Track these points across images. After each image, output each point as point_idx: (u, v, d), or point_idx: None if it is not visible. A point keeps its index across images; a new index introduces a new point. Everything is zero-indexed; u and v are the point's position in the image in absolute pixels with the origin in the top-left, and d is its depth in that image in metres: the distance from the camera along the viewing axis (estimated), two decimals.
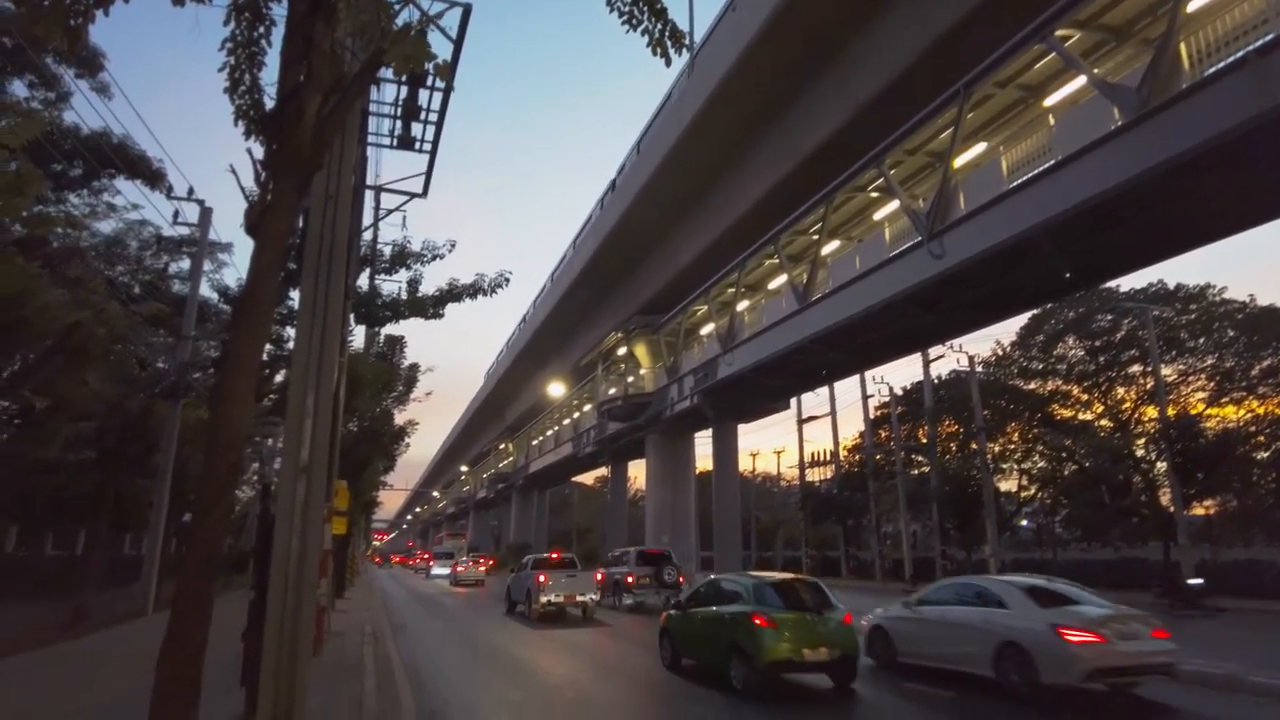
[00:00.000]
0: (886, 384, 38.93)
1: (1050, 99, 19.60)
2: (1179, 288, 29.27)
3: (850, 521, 40.46)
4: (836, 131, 22.47)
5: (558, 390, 48.88)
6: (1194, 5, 15.47)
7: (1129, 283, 34.58)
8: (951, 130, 20.00)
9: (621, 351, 41.52)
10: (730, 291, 32.04)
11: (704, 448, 40.20)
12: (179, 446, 17.53)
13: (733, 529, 36.83)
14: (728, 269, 30.46)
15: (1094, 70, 17.03)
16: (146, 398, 17.05)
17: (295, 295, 12.05)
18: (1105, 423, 30.17)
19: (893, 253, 22.37)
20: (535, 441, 65.50)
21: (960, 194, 20.25)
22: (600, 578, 23.49)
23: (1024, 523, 40.43)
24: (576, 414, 54.25)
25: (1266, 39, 13.44)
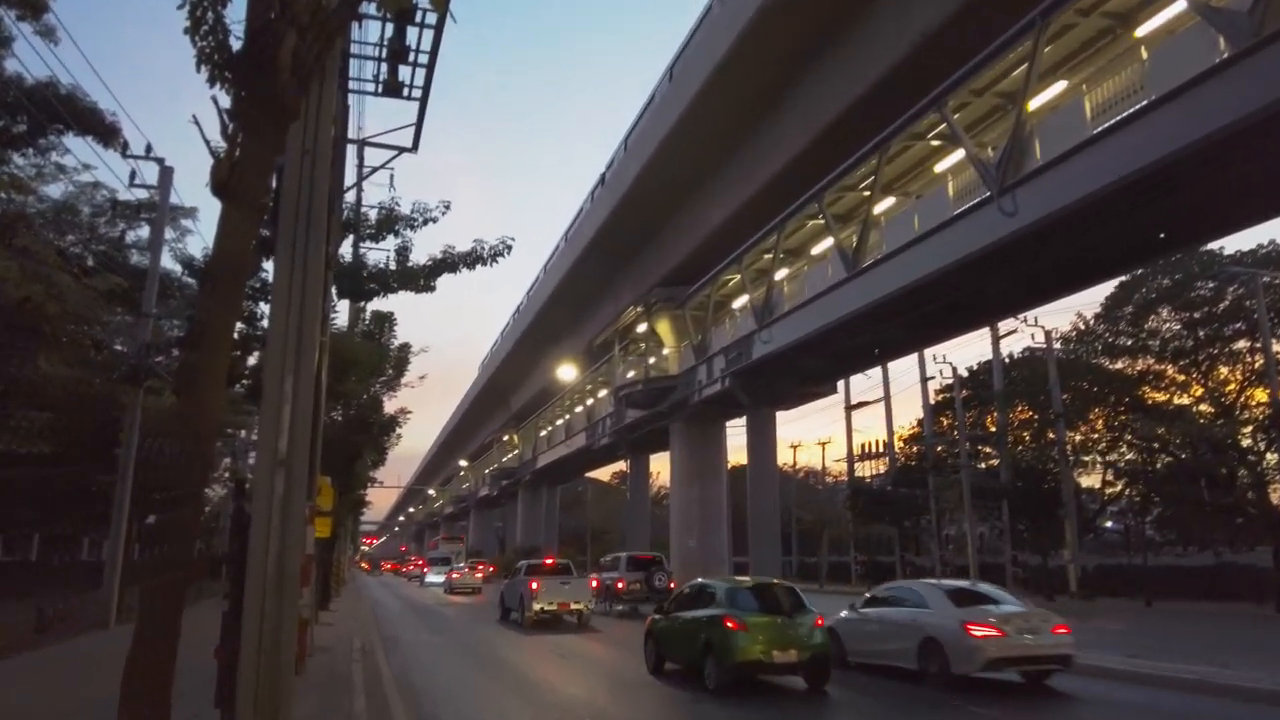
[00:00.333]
0: (949, 363, 38.55)
1: (1142, 28, 19.18)
2: None
3: (906, 522, 40.41)
4: (893, 67, 22.15)
5: (569, 373, 48.94)
6: None
7: (1234, 244, 34.01)
8: (1026, 67, 19.66)
9: (642, 328, 41.50)
10: (767, 258, 31.88)
11: (737, 438, 40.25)
12: (142, 438, 17.81)
13: (770, 531, 36.89)
14: (764, 231, 30.27)
15: None
16: (105, 383, 17.32)
17: (269, 266, 12.13)
18: (1205, 408, 29.81)
19: (957, 211, 22.14)
20: (544, 432, 65.86)
21: (1036, 141, 19.97)
22: (595, 584, 26.08)
23: (1109, 524, 40.18)
24: (590, 400, 54.41)
25: None
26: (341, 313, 20.03)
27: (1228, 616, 22.25)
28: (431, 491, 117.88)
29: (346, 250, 16.25)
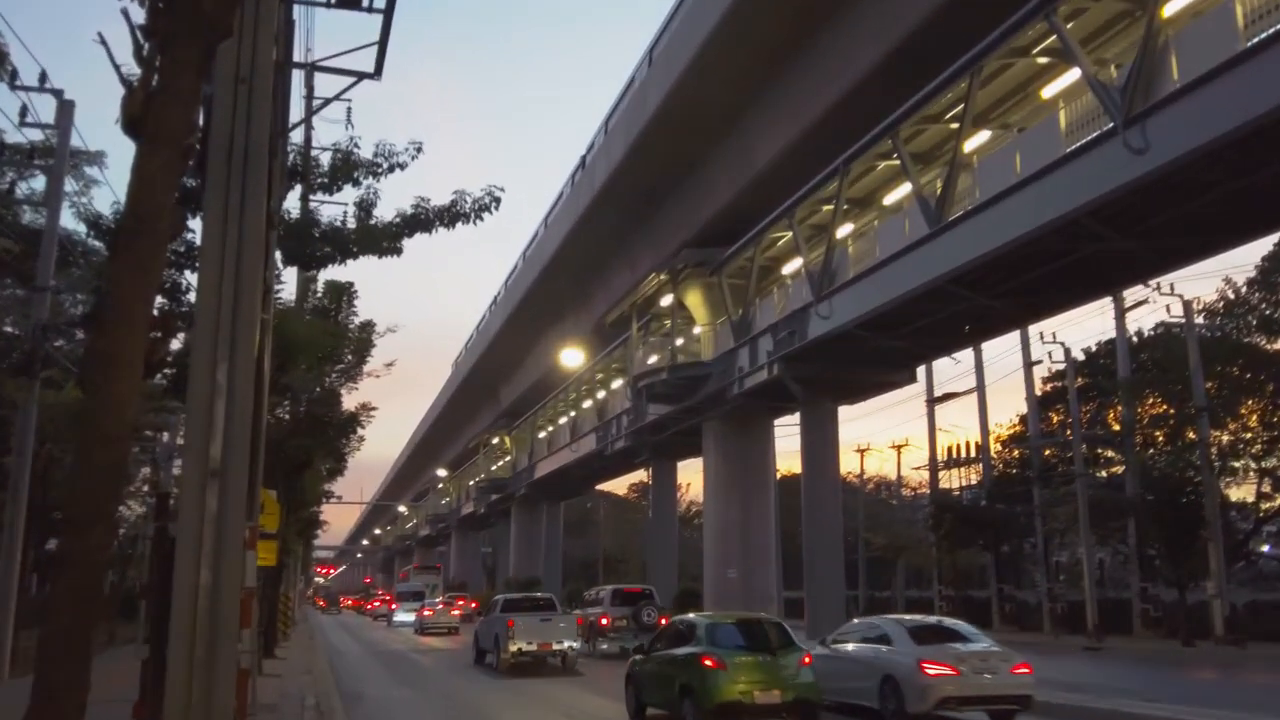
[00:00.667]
0: (1060, 344, 38.27)
1: None
2: None
3: (1005, 546, 40.30)
4: None
5: (575, 359, 48.99)
6: None
7: None
8: None
9: (666, 301, 41.38)
10: (827, 209, 31.67)
11: (788, 440, 40.25)
12: (38, 443, 17.98)
13: (831, 558, 36.77)
14: (824, 175, 30.05)
15: None
16: None
17: (197, 226, 12.17)
18: None
19: (1070, 148, 21.90)
20: (543, 434, 66.03)
21: (1172, 56, 19.70)
22: (580, 621, 28.06)
23: (1265, 548, 39.83)
24: (602, 393, 54.43)
25: None
26: (288, 283, 20.12)
27: None
28: (402, 509, 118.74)
29: (293, 204, 16.28)
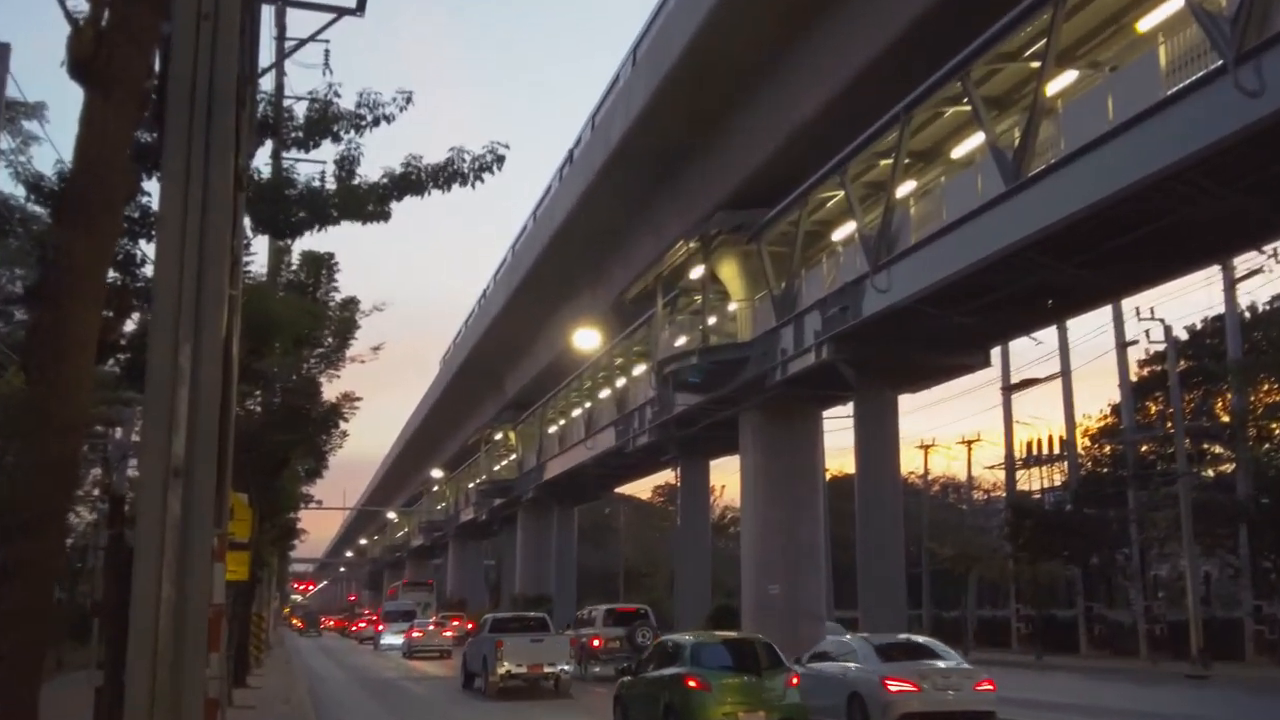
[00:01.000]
0: (1159, 320, 38.03)
1: None
2: None
3: (1094, 558, 40.19)
4: None
5: (590, 341, 48.96)
6: None
7: None
8: None
9: (697, 273, 41.36)
10: (885, 164, 31.54)
11: (838, 437, 40.24)
12: None
13: (890, 571, 36.68)
14: (881, 124, 29.88)
15: None
16: None
17: (155, 189, 12.26)
18: None
19: (1171, 90, 21.76)
20: (554, 428, 66.19)
21: None
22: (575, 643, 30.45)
23: None
24: (622, 381, 54.53)
25: None
26: (259, 254, 20.21)
27: None
28: (392, 515, 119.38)
29: (264, 163, 16.34)
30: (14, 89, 19.94)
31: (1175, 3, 22.47)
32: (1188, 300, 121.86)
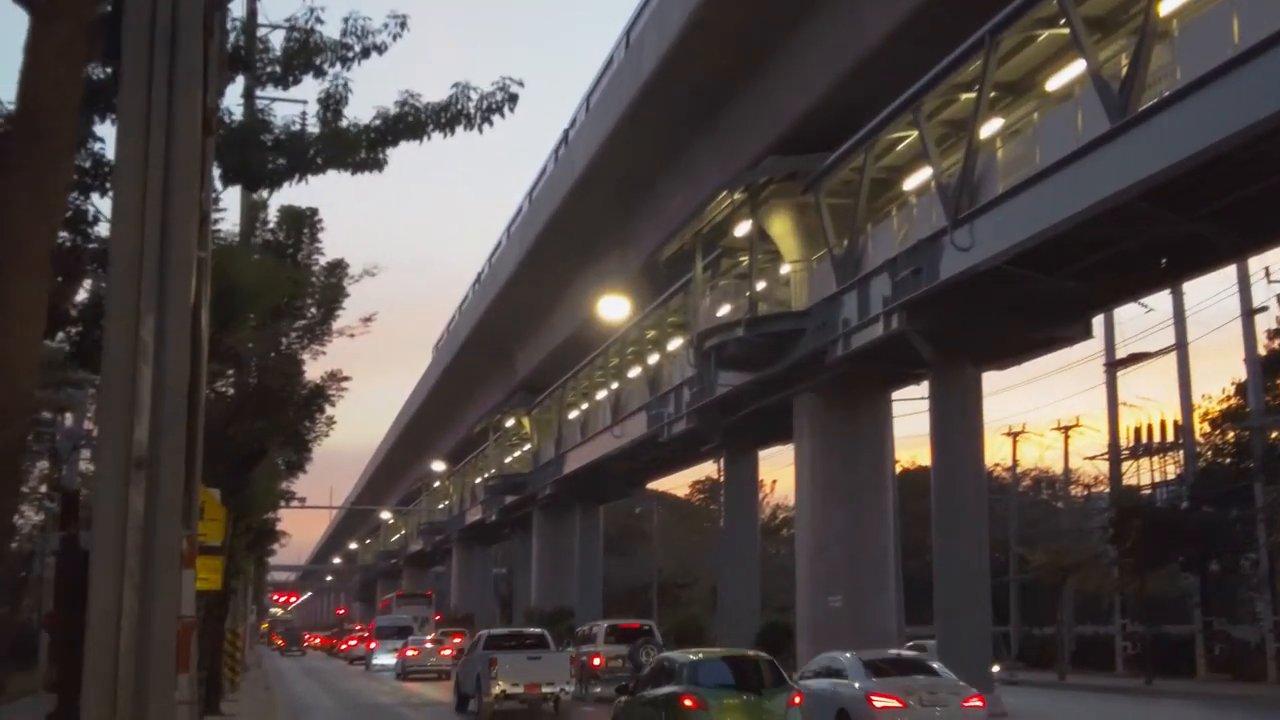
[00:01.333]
0: None
1: None
2: None
3: (1214, 565, 40.03)
4: None
5: (617, 310, 48.84)
6: None
7: None
8: None
9: (742, 230, 41.32)
10: (966, 100, 31.40)
11: (910, 423, 40.14)
12: None
13: (974, 581, 36.51)
14: (960, 51, 29.66)
15: None
16: None
17: (110, 135, 12.20)
18: None
19: None
20: (574, 414, 66.40)
21: None
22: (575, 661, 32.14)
23: None
24: (655, 357, 54.64)
25: None
26: (230, 210, 20.22)
27: None
28: (386, 515, 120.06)
29: (235, 102, 16.28)
30: None
31: None
32: None
